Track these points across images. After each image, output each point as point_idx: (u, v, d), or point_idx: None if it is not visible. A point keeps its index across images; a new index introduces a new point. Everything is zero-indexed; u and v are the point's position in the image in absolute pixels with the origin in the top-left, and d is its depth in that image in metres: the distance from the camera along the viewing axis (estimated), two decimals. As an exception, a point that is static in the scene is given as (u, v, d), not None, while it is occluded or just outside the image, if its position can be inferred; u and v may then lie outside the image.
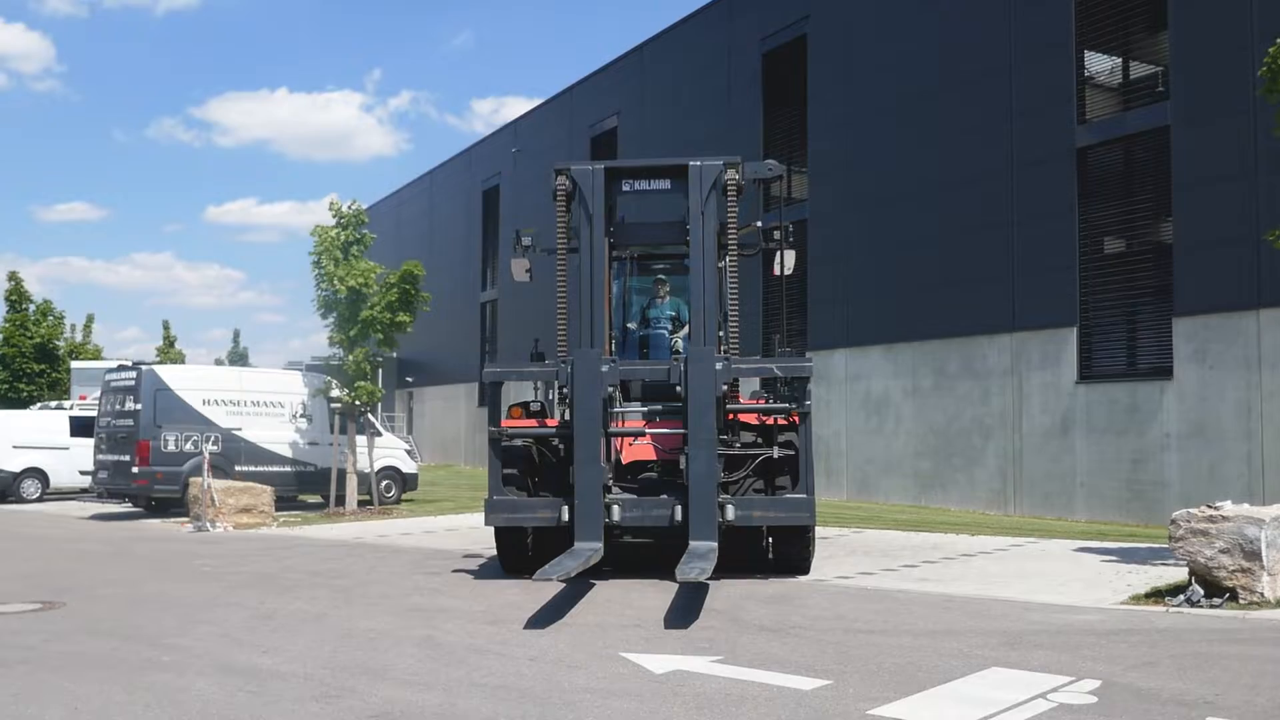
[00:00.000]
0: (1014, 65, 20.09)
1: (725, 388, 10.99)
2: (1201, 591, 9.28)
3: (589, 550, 10.30)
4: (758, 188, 14.43)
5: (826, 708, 6.24)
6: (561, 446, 11.37)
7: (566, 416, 11.22)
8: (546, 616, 9.27)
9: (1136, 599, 9.75)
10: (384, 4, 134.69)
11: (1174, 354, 17.30)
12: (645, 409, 11.88)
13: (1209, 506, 9.41)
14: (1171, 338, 17.39)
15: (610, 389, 11.12)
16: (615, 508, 10.82)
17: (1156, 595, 9.71)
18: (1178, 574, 10.22)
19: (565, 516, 10.75)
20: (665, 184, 11.84)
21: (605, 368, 10.93)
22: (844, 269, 23.51)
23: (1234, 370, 16.47)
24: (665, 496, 10.96)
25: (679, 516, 10.63)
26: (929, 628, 8.59)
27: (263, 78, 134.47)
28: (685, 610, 9.48)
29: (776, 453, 11.18)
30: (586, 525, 10.56)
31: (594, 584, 10.97)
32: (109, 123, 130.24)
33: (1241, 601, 9.05)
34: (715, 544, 10.31)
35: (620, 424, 11.54)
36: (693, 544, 10.27)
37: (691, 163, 11.52)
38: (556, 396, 11.72)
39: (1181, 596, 9.38)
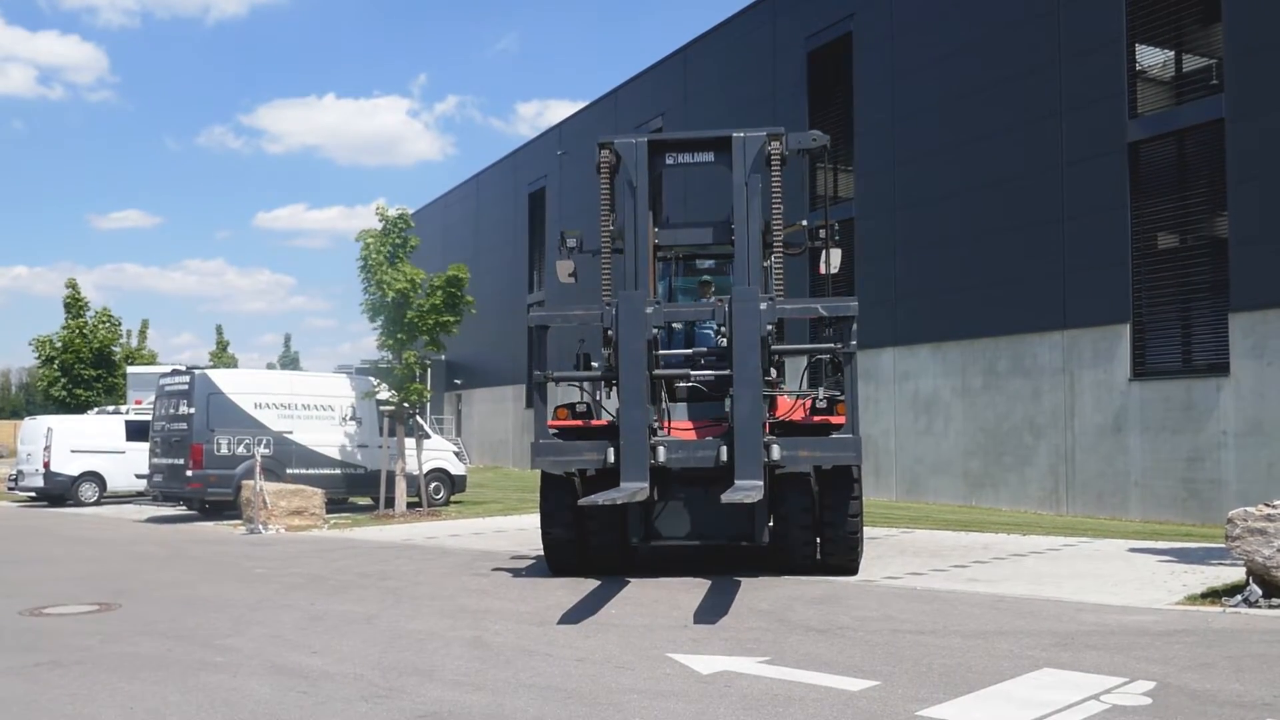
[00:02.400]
0: (1064, 59, 19.84)
1: (770, 328, 10.91)
2: (1259, 591, 9.10)
3: (635, 488, 10.21)
4: (803, 160, 14.32)
5: (875, 709, 6.19)
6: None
7: (611, 360, 11.14)
8: (593, 617, 9.29)
9: (1192, 599, 9.58)
10: (429, 11, 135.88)
11: (1231, 350, 16.98)
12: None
13: (1267, 505, 9.23)
14: (1228, 333, 17.08)
15: (655, 331, 11.06)
16: (661, 449, 10.74)
17: (1213, 595, 9.54)
18: (1235, 574, 10.03)
19: (611, 458, 10.70)
20: (709, 156, 11.85)
21: (650, 309, 10.87)
22: (891, 267, 23.35)
23: (1292, 366, 16.14)
24: (711, 438, 10.92)
25: (724, 457, 10.53)
26: (979, 628, 8.50)
27: (310, 84, 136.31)
28: (714, 609, 9.49)
29: (822, 394, 11.13)
30: (632, 466, 10.45)
31: (637, 583, 10.98)
32: (161, 131, 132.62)
33: (1301, 602, 8.87)
34: (761, 483, 10.19)
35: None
36: (738, 481, 10.15)
37: (735, 134, 11.52)
38: (602, 340, 11.56)
39: (1239, 596, 9.21)
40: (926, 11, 23.06)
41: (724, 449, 10.57)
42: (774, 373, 11.55)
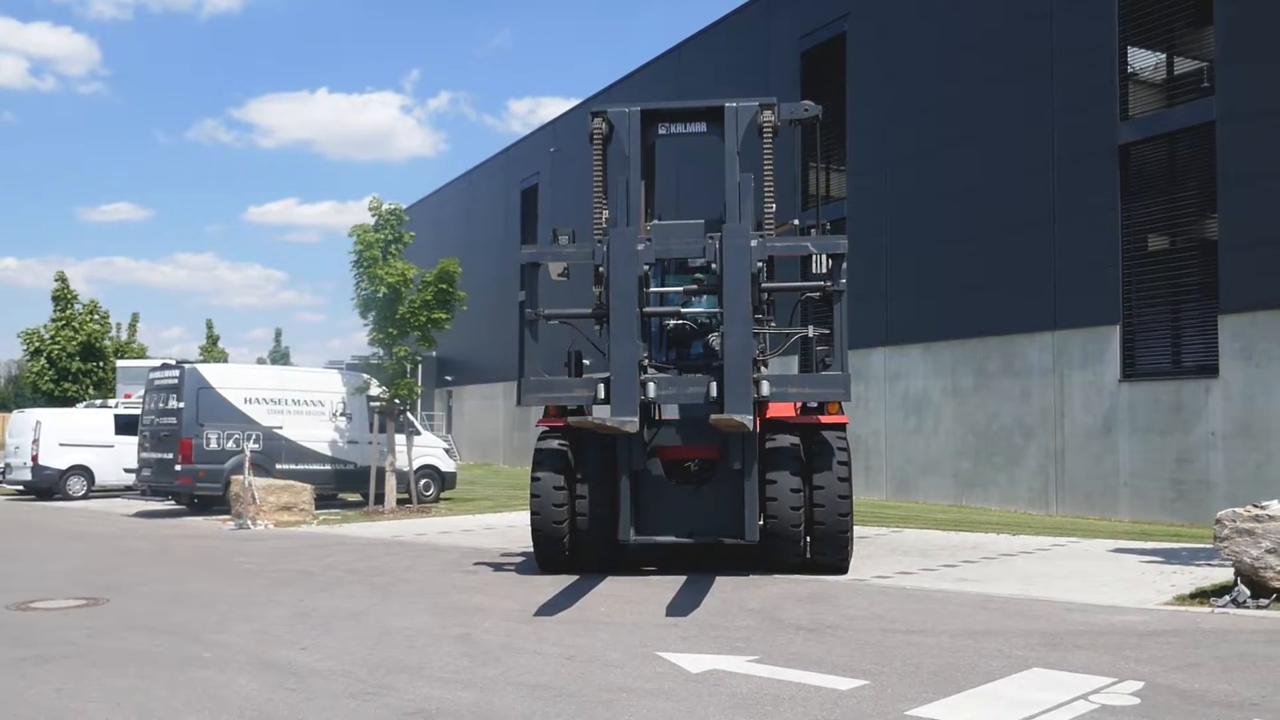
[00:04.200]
0: (1056, 62, 19.86)
1: (760, 265, 10.95)
2: (1248, 592, 9.13)
3: (625, 420, 10.15)
4: (793, 129, 14.38)
5: (864, 708, 6.20)
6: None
7: (602, 298, 11.15)
8: (583, 615, 9.28)
9: (1181, 599, 9.61)
10: (422, 6, 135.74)
11: (1220, 352, 17.03)
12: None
13: (1255, 506, 9.26)
14: (1217, 335, 17.13)
15: (646, 267, 11.08)
16: (651, 385, 10.75)
17: (1201, 596, 9.57)
18: (1223, 574, 10.07)
19: (601, 394, 10.74)
20: (701, 126, 11.97)
21: (641, 246, 10.90)
22: (883, 267, 23.36)
23: (1281, 368, 16.19)
24: (700, 375, 10.94)
25: (714, 393, 10.54)
26: (968, 628, 8.51)
27: (303, 79, 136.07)
28: (703, 607, 9.51)
29: (812, 332, 11.21)
30: (622, 401, 10.36)
31: (626, 581, 10.98)
32: (152, 125, 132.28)
33: (1289, 603, 8.90)
34: (751, 416, 10.24)
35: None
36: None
37: (727, 104, 11.62)
38: (594, 278, 11.49)
39: (1227, 597, 9.24)
40: (920, 13, 23.07)
41: (714, 385, 10.60)
42: (765, 310, 11.63)
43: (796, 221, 13.57)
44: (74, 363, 37.16)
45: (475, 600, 10.18)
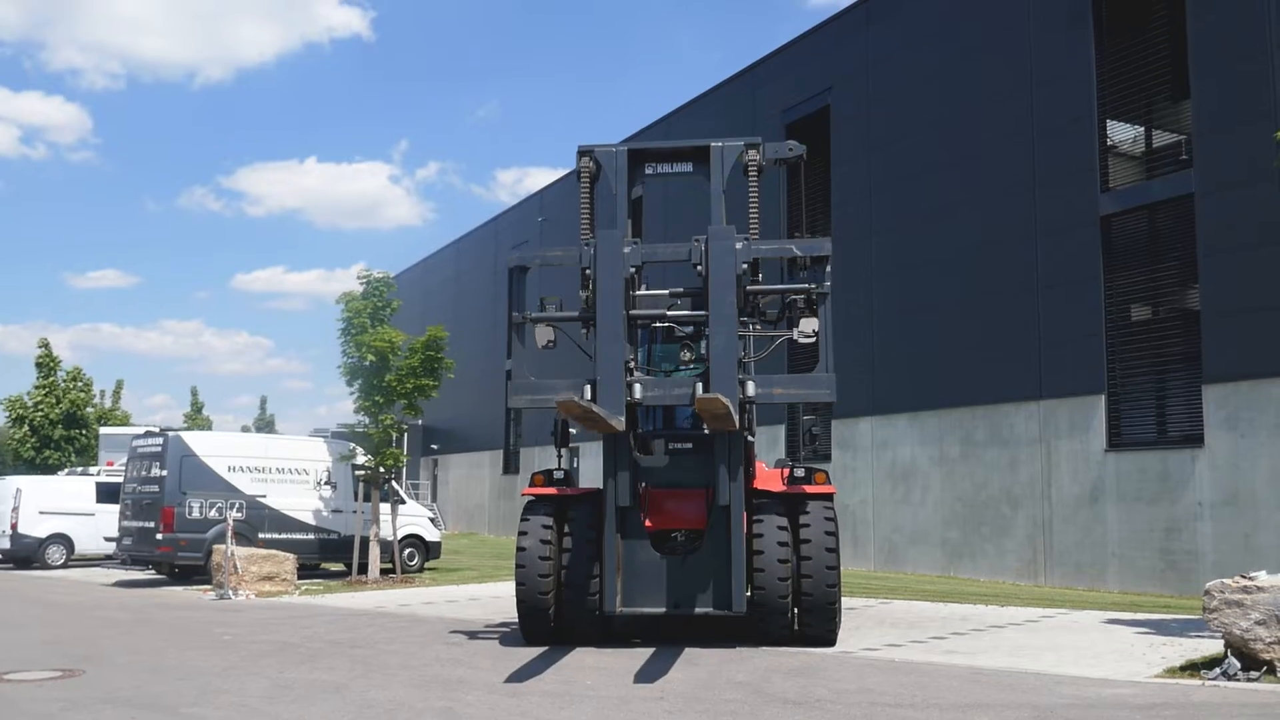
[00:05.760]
0: (1036, 135, 20.18)
1: (745, 267, 11.04)
2: (1238, 664, 9.06)
3: (613, 416, 10.20)
4: (780, 167, 14.54)
5: (853, 784, 6.09)
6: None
7: (589, 300, 11.22)
8: (568, 688, 9.15)
9: (1171, 672, 9.52)
10: (411, 77, 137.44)
11: (1205, 421, 17.09)
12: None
13: (1243, 577, 9.22)
14: (1202, 405, 17.20)
15: (632, 269, 11.15)
16: (637, 386, 10.82)
17: (1192, 668, 9.49)
18: (1213, 646, 9.99)
19: (588, 394, 10.75)
20: (687, 166, 12.11)
21: (627, 249, 11.02)
22: (869, 336, 23.47)
23: (1267, 437, 16.24)
24: (686, 376, 10.98)
25: (700, 393, 10.58)
26: (958, 701, 8.41)
27: (293, 148, 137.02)
28: (690, 680, 9.38)
29: (797, 335, 11.25)
30: (609, 401, 10.50)
31: (612, 653, 10.84)
32: (141, 192, 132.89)
33: (1280, 675, 8.83)
34: (737, 412, 10.27)
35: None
36: None
37: (713, 144, 11.78)
38: (581, 281, 11.51)
39: (1217, 669, 9.16)
40: (902, 85, 23.45)
41: (699, 386, 10.72)
42: (750, 314, 11.75)
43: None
44: (56, 430, 36.94)
45: (458, 673, 10.03)
